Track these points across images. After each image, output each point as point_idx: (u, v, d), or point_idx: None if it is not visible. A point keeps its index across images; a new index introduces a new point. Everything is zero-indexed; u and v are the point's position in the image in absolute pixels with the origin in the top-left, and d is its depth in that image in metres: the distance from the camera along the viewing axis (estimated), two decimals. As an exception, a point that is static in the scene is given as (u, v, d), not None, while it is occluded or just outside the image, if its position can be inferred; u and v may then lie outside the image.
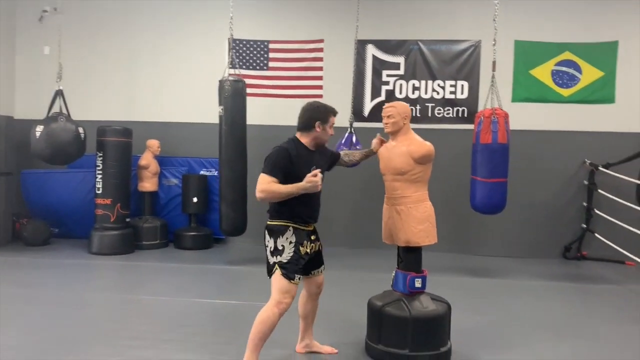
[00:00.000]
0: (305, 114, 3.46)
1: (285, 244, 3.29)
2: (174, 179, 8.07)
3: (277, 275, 3.27)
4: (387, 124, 3.76)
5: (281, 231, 3.30)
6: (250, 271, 6.45)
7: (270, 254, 3.31)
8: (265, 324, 3.24)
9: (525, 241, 7.80)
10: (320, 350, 3.81)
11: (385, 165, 3.78)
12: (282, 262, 3.27)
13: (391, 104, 3.82)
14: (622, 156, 7.18)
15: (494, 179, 6.11)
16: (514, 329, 4.51)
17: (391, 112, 3.73)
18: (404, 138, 3.73)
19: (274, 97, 8.10)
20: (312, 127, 3.41)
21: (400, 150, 3.68)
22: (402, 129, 3.74)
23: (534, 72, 7.70)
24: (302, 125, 3.45)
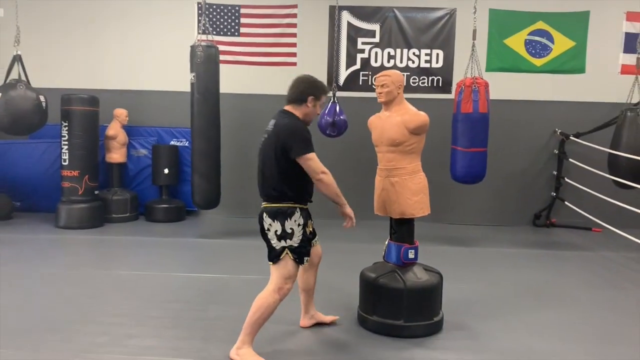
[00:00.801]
0: (299, 87, 3.22)
1: (294, 226, 3.10)
2: (143, 150, 7.80)
3: (287, 260, 3.10)
4: (380, 93, 3.67)
5: (289, 213, 3.10)
6: (227, 244, 6.36)
7: (276, 239, 3.09)
8: (265, 310, 3.09)
9: (496, 209, 7.95)
10: (324, 320, 3.75)
11: (379, 136, 3.71)
12: (293, 246, 3.10)
13: (385, 72, 3.72)
14: (591, 126, 7.34)
15: (474, 149, 6.14)
16: (498, 296, 4.58)
17: (385, 81, 3.64)
18: (398, 108, 3.66)
19: (245, 65, 7.86)
20: (304, 102, 3.20)
21: (394, 121, 3.61)
22: (396, 99, 3.66)
23: (507, 42, 7.71)
24: (294, 97, 3.22)
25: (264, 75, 7.86)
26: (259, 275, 4.90)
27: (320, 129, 6.74)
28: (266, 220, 3.12)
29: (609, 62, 7.68)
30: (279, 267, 3.11)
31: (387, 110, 3.71)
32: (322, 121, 6.65)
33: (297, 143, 3.02)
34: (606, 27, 7.63)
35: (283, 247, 3.09)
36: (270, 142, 3.11)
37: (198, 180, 6.40)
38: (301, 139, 3.04)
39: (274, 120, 3.20)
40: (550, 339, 3.67)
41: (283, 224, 3.08)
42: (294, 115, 3.19)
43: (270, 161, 3.10)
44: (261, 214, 3.16)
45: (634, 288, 4.94)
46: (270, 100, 7.92)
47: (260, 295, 3.12)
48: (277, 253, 3.10)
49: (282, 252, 3.09)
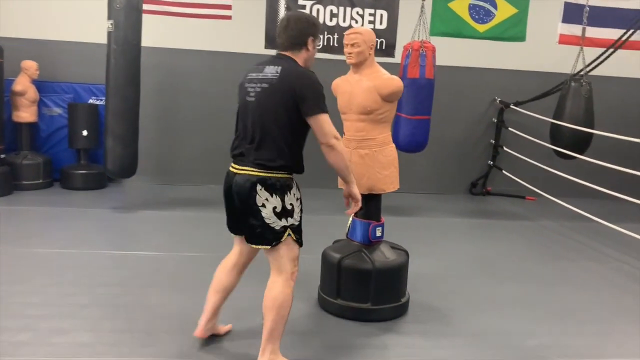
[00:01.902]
0: (295, 27, 2.59)
1: (293, 201, 2.57)
2: (57, 109, 6.93)
3: (289, 242, 2.56)
4: (350, 53, 3.28)
5: (288, 186, 2.56)
6: (156, 215, 5.79)
7: (276, 217, 2.51)
8: (286, 307, 2.58)
9: (434, 178, 7.89)
10: (220, 331, 3.05)
11: (347, 102, 3.33)
12: (295, 224, 2.58)
13: (356, 29, 3.34)
14: (529, 95, 7.36)
15: (418, 116, 5.93)
16: (454, 271, 4.46)
17: (356, 40, 3.25)
18: (369, 71, 3.30)
19: (173, 16, 7.09)
20: (304, 45, 2.61)
21: (365, 85, 3.25)
22: (367, 60, 3.30)
23: (452, 5, 7.49)
24: (292, 41, 2.60)
25: (194, 29, 7.17)
26: (199, 253, 4.50)
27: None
28: (261, 194, 2.49)
29: (548, 32, 7.68)
30: (283, 252, 2.56)
31: (357, 73, 3.34)
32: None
33: (313, 98, 2.46)
34: (548, -4, 7.61)
35: (284, 227, 2.53)
36: (276, 91, 2.48)
37: (112, 143, 5.70)
38: (318, 93, 2.49)
39: (276, 66, 2.54)
40: (521, 317, 3.57)
41: (283, 199, 2.52)
42: (296, 62, 2.60)
43: (276, 115, 2.48)
44: (252, 185, 2.50)
45: (582, 259, 5.00)
46: (200, 56, 7.31)
47: (273, 293, 2.57)
48: (277, 234, 2.52)
49: (283, 232, 2.53)
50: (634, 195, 5.27)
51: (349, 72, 3.41)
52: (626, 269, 4.76)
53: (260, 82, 2.55)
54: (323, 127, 2.49)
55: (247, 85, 2.62)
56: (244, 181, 2.53)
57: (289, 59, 2.60)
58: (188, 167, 7.43)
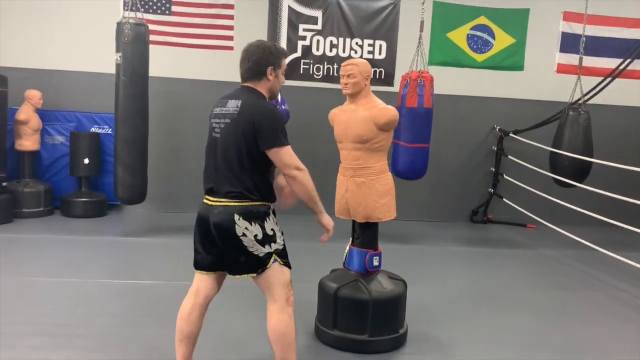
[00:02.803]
0: (251, 58, 2.58)
1: (274, 227, 2.57)
2: (59, 137, 7.00)
3: (277, 267, 2.54)
4: (346, 84, 3.32)
5: (265, 212, 2.56)
6: (156, 242, 5.79)
7: (259, 244, 2.50)
8: (289, 334, 2.55)
9: (435, 205, 7.88)
10: None
11: (344, 131, 3.36)
12: (279, 249, 2.57)
13: (351, 61, 3.38)
14: (528, 123, 7.40)
15: (417, 144, 5.96)
16: (453, 300, 4.41)
17: (352, 71, 3.29)
18: (365, 101, 3.33)
19: (177, 46, 7.21)
20: (264, 75, 2.59)
21: (361, 115, 3.28)
22: (363, 91, 3.34)
23: (450, 35, 7.59)
24: (251, 72, 2.60)
25: (197, 59, 7.29)
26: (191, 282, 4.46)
27: (260, 119, 6.30)
28: (239, 223, 2.47)
29: (546, 61, 7.77)
30: (272, 277, 2.54)
31: (353, 103, 3.37)
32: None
33: (270, 131, 2.46)
34: (544, 26, 7.71)
35: (269, 253, 2.53)
36: (237, 126, 2.49)
37: (122, 172, 5.77)
38: (276, 126, 2.48)
39: (237, 100, 2.54)
40: (521, 348, 3.52)
41: (263, 226, 2.52)
42: (259, 93, 2.60)
43: (238, 150, 2.49)
44: (229, 216, 2.48)
45: (582, 288, 4.96)
46: (203, 85, 7.39)
47: (272, 323, 2.55)
48: (261, 261, 2.51)
49: (268, 258, 2.52)
50: (634, 223, 5.25)
51: (345, 103, 3.44)
52: (625, 298, 4.71)
53: (223, 117, 2.56)
54: (282, 160, 2.49)
55: (213, 121, 2.65)
56: (222, 214, 2.51)
57: (251, 90, 2.60)
58: (189, 195, 7.40)
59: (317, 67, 7.44)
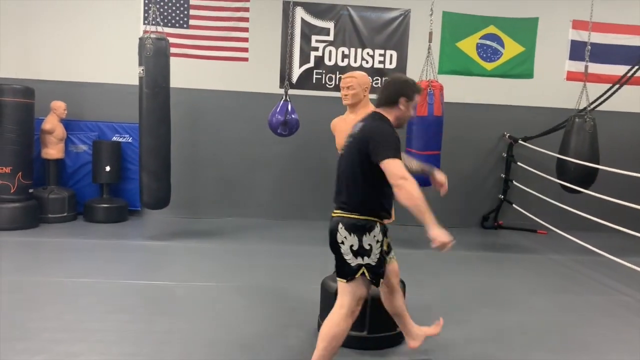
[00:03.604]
0: (389, 87, 2.92)
1: (372, 242, 2.77)
2: (82, 145, 7.34)
3: (362, 280, 2.77)
4: (346, 95, 3.53)
5: (368, 228, 2.77)
6: (173, 246, 6.03)
7: (352, 254, 2.76)
8: (339, 337, 2.79)
9: (446, 211, 7.84)
10: (431, 332, 3.43)
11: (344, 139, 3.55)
12: (371, 265, 2.77)
13: (351, 74, 3.59)
14: (538, 130, 7.49)
15: (428, 152, 6.12)
16: (456, 301, 4.55)
17: (351, 83, 3.50)
18: (364, 111, 3.50)
19: (195, 58, 7.54)
20: (396, 104, 2.87)
21: (360, 124, 3.46)
22: (362, 101, 3.54)
23: (460, 45, 7.77)
24: (385, 100, 2.91)
25: (214, 70, 7.57)
26: (208, 282, 4.71)
27: (270, 127, 6.50)
28: (341, 232, 2.77)
29: (556, 68, 7.88)
30: (352, 287, 2.78)
31: (353, 112, 3.57)
32: (273, 120, 6.41)
33: (381, 146, 2.68)
34: (553, 34, 7.81)
35: (359, 265, 2.76)
36: (354, 145, 2.80)
37: (147, 179, 6.07)
38: (386, 141, 2.70)
39: (362, 123, 2.88)
40: (520, 348, 3.65)
41: (360, 239, 2.76)
42: (385, 118, 2.87)
43: (353, 166, 2.79)
44: (335, 224, 2.81)
45: (587, 292, 5.04)
46: (220, 95, 7.67)
47: (332, 322, 2.79)
48: (351, 270, 2.77)
49: (357, 270, 2.76)
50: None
51: (346, 112, 3.64)
52: (628, 302, 4.79)
53: (349, 137, 2.90)
54: (389, 170, 2.64)
55: (347, 139, 2.95)
56: (333, 222, 2.84)
57: (378, 115, 2.89)
58: (206, 201, 7.71)
59: (329, 77, 7.68)
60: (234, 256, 5.74)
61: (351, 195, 2.79)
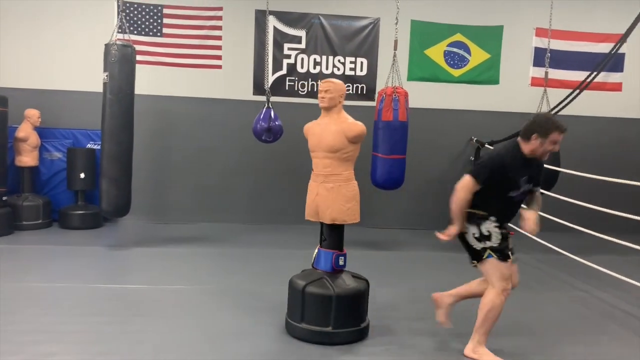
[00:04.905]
0: (528, 123, 3.42)
1: (491, 229, 3.38)
2: (57, 153, 7.39)
3: (493, 261, 3.37)
4: (323, 98, 3.73)
5: (483, 219, 3.39)
6: (148, 252, 6.13)
7: (476, 241, 3.41)
8: (495, 311, 3.39)
9: (417, 213, 8.22)
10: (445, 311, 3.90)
11: (317, 142, 3.75)
12: (494, 246, 3.36)
13: (330, 80, 3.82)
14: (504, 134, 7.74)
15: (394, 156, 6.32)
16: (421, 300, 4.71)
17: (329, 87, 3.71)
18: (337, 116, 3.74)
19: (168, 66, 7.65)
20: (529, 138, 3.36)
21: (333, 128, 3.68)
22: (336, 107, 3.74)
23: (428, 52, 8.02)
24: (522, 133, 3.43)
25: (188, 78, 7.70)
26: (181, 286, 4.83)
27: (255, 134, 6.67)
28: (465, 224, 3.45)
29: (520, 75, 8.18)
30: (490, 269, 3.39)
31: (326, 117, 3.77)
32: (257, 127, 6.57)
33: (478, 165, 3.47)
34: (518, 42, 8.11)
35: (484, 248, 3.38)
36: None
37: (106, 185, 6.07)
38: (484, 163, 3.43)
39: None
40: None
41: (479, 228, 3.40)
42: (516, 147, 3.41)
43: None
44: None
45: (546, 290, 5.29)
46: (194, 102, 7.80)
47: (487, 299, 3.41)
48: (478, 253, 3.42)
49: (483, 252, 3.38)
50: (598, 229, 5.61)
51: (320, 117, 3.83)
52: (583, 297, 5.05)
53: None
54: (461, 181, 3.45)
55: None
56: None
57: (515, 144, 3.44)
58: (183, 207, 7.82)
59: (302, 84, 7.86)
60: (207, 260, 5.86)
61: (475, 197, 3.41)
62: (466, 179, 3.38)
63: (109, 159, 6.04)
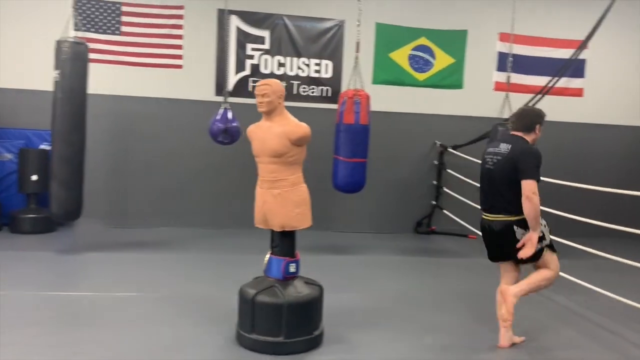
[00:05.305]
0: (527, 117, 3.78)
1: (542, 229, 3.67)
2: (7, 154, 7.08)
3: (549, 254, 3.72)
4: (261, 103, 3.58)
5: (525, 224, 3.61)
6: (102, 257, 5.89)
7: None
8: (546, 282, 3.74)
9: (380, 217, 8.16)
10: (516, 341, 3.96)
11: (260, 147, 3.61)
12: (547, 244, 3.71)
13: (265, 81, 3.65)
14: (468, 138, 7.75)
15: (355, 159, 6.23)
16: (378, 305, 4.66)
17: (266, 91, 3.56)
18: (279, 118, 3.59)
19: (126, 65, 7.42)
20: (533, 130, 3.75)
21: (276, 131, 3.53)
22: (277, 109, 3.60)
23: (393, 56, 7.97)
24: (525, 127, 3.75)
25: (147, 77, 7.47)
26: (132, 293, 4.63)
27: (211, 135, 6.49)
28: (517, 231, 3.61)
29: (484, 79, 8.20)
30: (547, 259, 3.72)
31: (268, 120, 3.63)
32: (214, 127, 6.39)
33: (528, 168, 3.54)
34: (482, 46, 8.13)
35: (541, 248, 3.66)
36: (509, 162, 3.59)
37: (57, 188, 5.81)
38: (533, 164, 3.56)
39: (508, 144, 3.68)
40: (431, 346, 3.77)
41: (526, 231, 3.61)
42: (525, 140, 3.71)
43: (509, 180, 3.59)
44: (506, 226, 3.64)
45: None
46: (154, 103, 7.58)
47: (542, 275, 3.72)
48: (537, 253, 3.64)
49: (541, 251, 3.66)
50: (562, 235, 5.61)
51: (262, 120, 3.69)
52: (538, 299, 5.02)
53: (496, 155, 3.71)
54: (526, 188, 3.51)
55: (487, 156, 3.82)
56: (501, 224, 3.67)
57: (519, 138, 3.73)
58: (142, 210, 7.58)
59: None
60: (161, 266, 5.66)
61: (511, 202, 3.59)
62: (532, 183, 3.51)
63: (60, 161, 5.80)
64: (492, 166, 3.71)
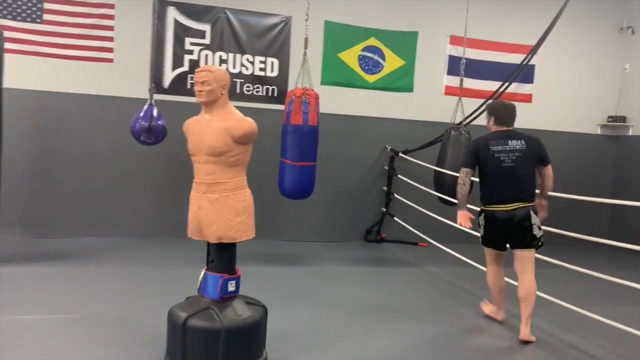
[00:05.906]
0: (514, 110, 4.26)
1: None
2: None
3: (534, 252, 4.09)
4: (200, 92, 3.08)
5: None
6: (10, 272, 5.08)
7: (538, 229, 4.02)
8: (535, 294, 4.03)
9: (328, 225, 7.75)
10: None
11: (197, 143, 3.10)
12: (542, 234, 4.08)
13: (207, 67, 3.16)
14: (419, 143, 7.48)
15: (303, 162, 5.79)
16: (328, 324, 4.22)
17: (207, 78, 3.06)
18: (221, 112, 3.11)
19: (49, 57, 6.67)
20: None
21: (216, 126, 3.04)
22: (219, 100, 3.11)
23: (342, 56, 7.60)
24: (514, 120, 4.25)
25: (73, 71, 6.76)
26: (42, 315, 3.97)
27: (133, 134, 5.87)
28: (533, 217, 4.00)
29: (435, 83, 7.96)
30: (533, 256, 4.05)
31: (208, 113, 3.13)
32: (136, 126, 5.78)
33: (548, 155, 4.15)
34: (432, 49, 7.89)
35: (541, 235, 4.03)
36: (529, 155, 4.05)
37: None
38: (545, 148, 4.15)
39: (519, 140, 4.08)
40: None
41: (537, 217, 4.05)
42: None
43: (532, 170, 4.08)
44: (526, 212, 3.99)
45: (460, 306, 4.94)
46: (82, 100, 6.86)
47: (531, 286, 4.00)
48: (538, 240, 4.02)
49: (540, 238, 4.02)
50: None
51: (201, 113, 3.19)
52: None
53: (512, 152, 4.05)
54: (550, 170, 4.19)
55: (498, 155, 4.06)
56: (522, 211, 3.99)
57: (519, 131, 4.19)
58: (63, 218, 6.83)
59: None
60: (80, 282, 4.94)
61: (530, 191, 4.05)
62: (550, 166, 4.13)
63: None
64: (512, 163, 4.01)
